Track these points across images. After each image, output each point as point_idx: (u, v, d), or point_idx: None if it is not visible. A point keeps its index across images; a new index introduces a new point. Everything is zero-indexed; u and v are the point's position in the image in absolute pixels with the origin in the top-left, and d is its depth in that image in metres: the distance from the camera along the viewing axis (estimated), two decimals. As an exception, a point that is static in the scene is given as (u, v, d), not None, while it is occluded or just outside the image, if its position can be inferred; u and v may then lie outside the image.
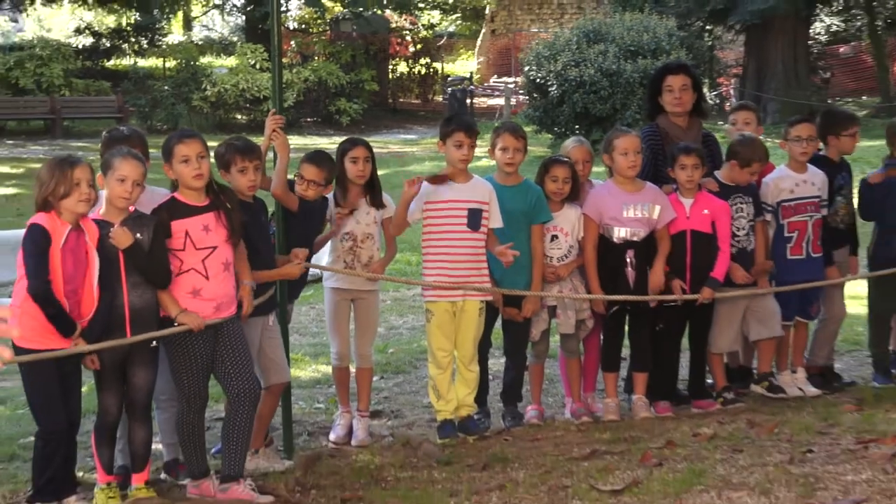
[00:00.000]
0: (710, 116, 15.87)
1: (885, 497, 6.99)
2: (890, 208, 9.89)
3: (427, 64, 47.65)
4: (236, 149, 8.12)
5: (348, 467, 8.46)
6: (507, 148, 9.12)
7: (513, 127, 9.67)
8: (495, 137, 9.27)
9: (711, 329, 9.58)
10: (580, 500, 7.32)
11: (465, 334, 9.03)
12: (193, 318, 7.34)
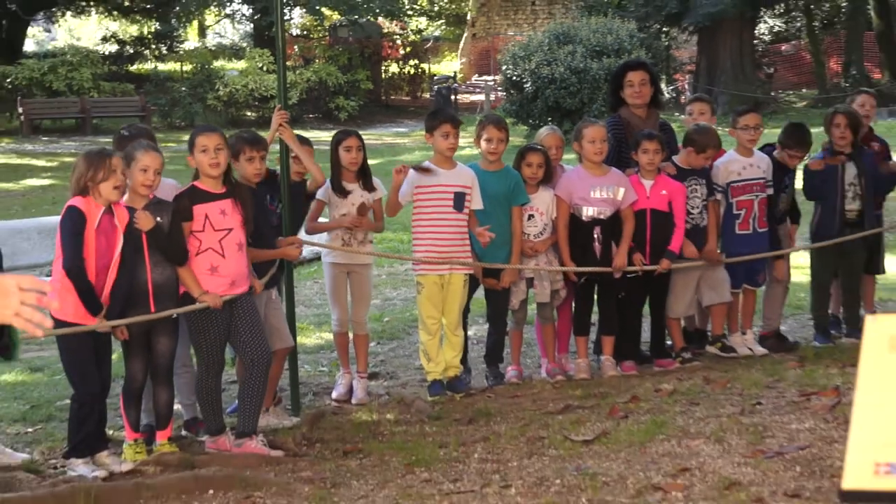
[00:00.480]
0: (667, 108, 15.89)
1: (826, 443, 7.00)
2: (828, 191, 9.91)
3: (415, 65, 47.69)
4: (245, 140, 8.29)
5: (349, 423, 8.48)
6: (492, 139, 9.18)
7: (496, 119, 9.75)
8: (480, 129, 9.32)
9: (669, 296, 9.60)
10: (556, 449, 7.32)
11: (452, 304, 9.06)
12: (213, 298, 7.40)
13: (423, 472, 7.04)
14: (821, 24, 42.83)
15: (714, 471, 6.66)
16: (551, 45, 30.78)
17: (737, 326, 9.98)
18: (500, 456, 7.29)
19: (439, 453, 7.43)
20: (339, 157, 9.06)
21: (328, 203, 9.04)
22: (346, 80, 39.45)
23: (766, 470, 6.63)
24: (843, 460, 2.76)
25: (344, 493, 6.75)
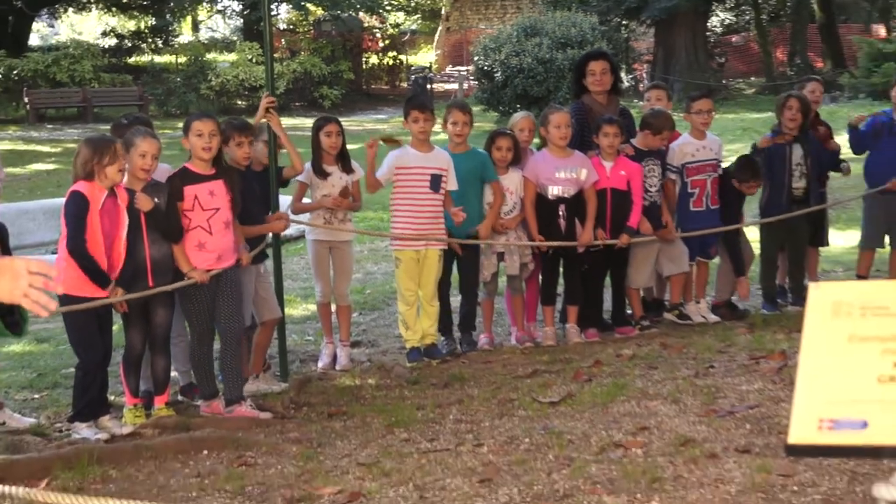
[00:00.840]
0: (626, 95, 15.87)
1: (774, 403, 7.03)
2: (777, 171, 9.91)
3: (394, 56, 47.61)
4: (234, 126, 8.35)
5: (333, 388, 8.48)
6: (457, 122, 9.22)
7: (461, 104, 9.84)
8: (447, 114, 9.36)
9: (629, 268, 9.61)
10: (525, 410, 7.34)
11: (428, 277, 9.05)
12: (200, 274, 7.45)
13: (403, 433, 7.05)
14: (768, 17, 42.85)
15: (671, 429, 6.68)
16: (519, 38, 30.78)
17: (691, 296, 9.99)
18: (474, 417, 7.31)
19: (417, 415, 7.44)
20: (319, 141, 9.04)
21: (310, 185, 9.01)
22: (330, 71, 39.38)
23: (718, 428, 6.65)
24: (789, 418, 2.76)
25: (329, 453, 6.75)
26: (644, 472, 5.94)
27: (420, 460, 6.45)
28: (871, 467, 5.62)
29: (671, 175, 9.74)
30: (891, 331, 2.88)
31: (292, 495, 6.00)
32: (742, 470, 5.90)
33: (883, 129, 10.20)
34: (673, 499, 5.55)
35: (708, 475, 5.87)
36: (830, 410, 2.82)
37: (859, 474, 5.67)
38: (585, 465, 6.15)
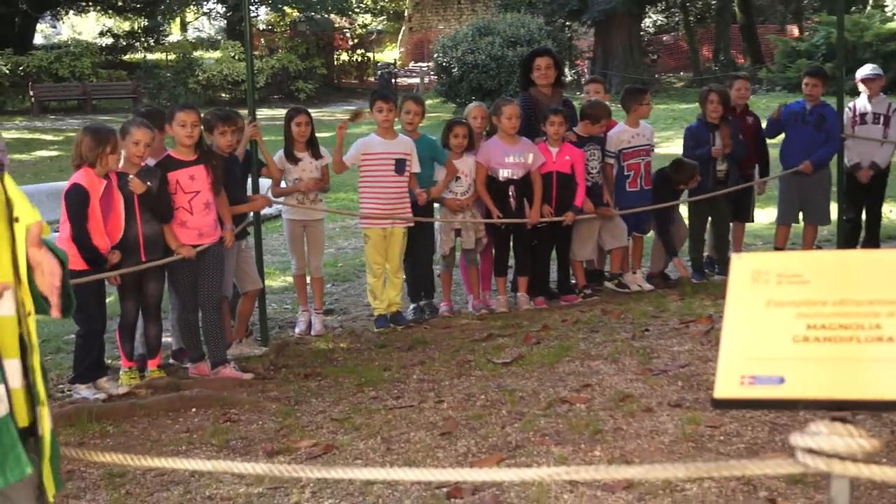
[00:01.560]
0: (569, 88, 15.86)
1: (702, 362, 7.08)
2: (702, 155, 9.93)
3: (362, 53, 47.55)
4: (218, 117, 8.31)
5: (309, 351, 8.46)
6: (410, 111, 9.29)
7: (414, 97, 10.01)
8: (402, 104, 9.39)
9: (573, 243, 9.61)
10: (480, 370, 7.36)
11: (393, 252, 9.04)
12: (187, 250, 7.48)
13: (371, 391, 7.05)
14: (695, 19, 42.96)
15: (611, 386, 6.70)
16: (474, 37, 30.74)
17: (628, 267, 10.01)
18: (435, 376, 7.31)
19: (384, 375, 7.44)
20: (291, 130, 9.00)
21: (283, 169, 8.97)
22: (305, 67, 39.23)
23: (653, 385, 6.68)
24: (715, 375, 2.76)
25: (305, 409, 6.75)
26: (587, 424, 5.96)
27: (387, 416, 6.45)
28: (789, 419, 5.66)
29: (609, 160, 9.75)
30: (804, 296, 2.89)
31: (272, 448, 6.00)
32: (674, 422, 5.93)
33: (796, 118, 10.27)
34: (613, 449, 5.57)
35: (644, 427, 5.89)
36: (751, 368, 2.82)
37: (778, 425, 5.72)
38: (535, 419, 6.16)
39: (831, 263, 2.95)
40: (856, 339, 2.77)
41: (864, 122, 10.33)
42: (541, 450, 5.62)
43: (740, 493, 4.89)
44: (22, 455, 2.57)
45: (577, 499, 4.92)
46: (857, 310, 2.82)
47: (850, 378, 2.71)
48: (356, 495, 5.17)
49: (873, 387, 2.68)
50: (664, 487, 4.95)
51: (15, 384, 2.62)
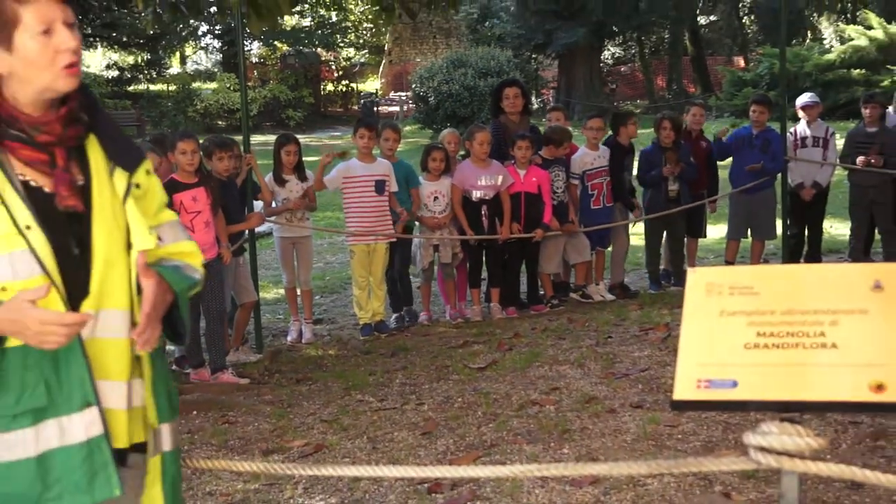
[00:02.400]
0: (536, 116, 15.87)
1: (660, 366, 7.10)
2: (656, 177, 9.98)
3: (346, 84, 47.59)
4: (215, 144, 8.32)
5: (300, 358, 8.43)
6: (388, 138, 9.34)
7: (392, 124, 10.03)
8: (381, 131, 9.41)
9: (541, 257, 9.60)
10: (457, 375, 7.36)
11: (377, 266, 9.05)
12: None
13: (357, 394, 7.04)
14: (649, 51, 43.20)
15: (577, 389, 6.71)
16: (449, 69, 30.79)
17: (592, 279, 10.02)
18: (416, 381, 7.30)
19: (369, 379, 7.43)
20: (280, 157, 8.98)
21: (272, 190, 8.94)
22: (294, 97, 39.21)
23: (616, 387, 6.69)
24: (673, 378, 2.76)
25: (297, 412, 6.73)
26: (556, 424, 5.96)
27: (372, 417, 6.45)
28: (741, 419, 5.67)
29: (574, 181, 9.75)
30: (754, 306, 2.90)
31: (267, 447, 5.98)
32: (636, 422, 5.94)
33: (743, 142, 10.32)
34: (580, 447, 5.58)
35: (608, 427, 5.90)
36: (706, 372, 2.83)
37: (731, 425, 5.74)
38: (508, 419, 6.17)
39: (779, 276, 2.96)
40: (802, 346, 2.78)
41: (804, 145, 10.38)
42: (514, 448, 5.63)
43: (697, 487, 4.90)
44: (113, 476, 2.51)
45: (548, 493, 4.91)
46: (802, 319, 2.83)
47: (798, 381, 2.72)
48: (345, 491, 5.16)
49: (818, 389, 2.69)
50: (627, 483, 4.96)
51: (117, 405, 2.56)
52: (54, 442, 2.48)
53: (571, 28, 34.45)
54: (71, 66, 2.48)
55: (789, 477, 2.70)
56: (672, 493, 4.84)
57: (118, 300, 2.56)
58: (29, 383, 2.45)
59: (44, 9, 2.44)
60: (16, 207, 2.44)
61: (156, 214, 2.76)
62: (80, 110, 2.58)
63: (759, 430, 2.70)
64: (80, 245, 2.53)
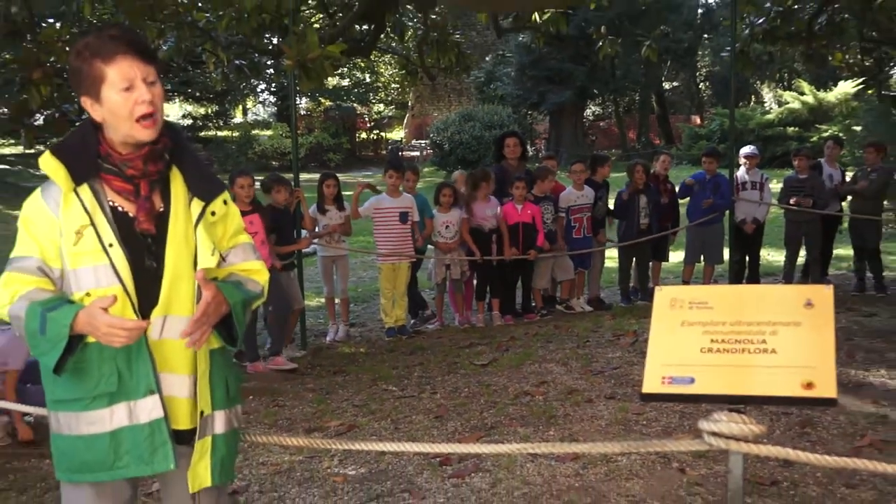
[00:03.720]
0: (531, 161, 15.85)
1: (629, 365, 7.09)
2: (630, 212, 10.00)
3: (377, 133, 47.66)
4: (273, 180, 8.43)
5: (337, 354, 8.42)
6: (410, 179, 9.33)
7: (412, 167, 10.01)
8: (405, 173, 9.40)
9: (534, 275, 9.59)
10: (464, 370, 7.34)
11: (400, 281, 9.03)
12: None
13: (383, 384, 7.03)
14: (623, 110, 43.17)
15: (561, 382, 6.70)
16: (460, 122, 30.86)
17: (574, 294, 10.00)
18: (430, 374, 7.29)
19: (392, 373, 7.41)
20: (322, 190, 9.01)
21: (315, 218, 8.97)
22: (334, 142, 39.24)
23: (593, 382, 6.67)
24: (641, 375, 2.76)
25: (334, 398, 6.72)
26: (544, 411, 5.95)
27: (395, 403, 6.44)
28: (695, 409, 5.66)
29: (560, 214, 9.75)
30: (708, 318, 2.91)
31: (309, 426, 5.97)
32: (609, 410, 5.92)
33: (698, 185, 10.34)
34: (563, 429, 5.57)
35: (586, 413, 5.89)
36: (669, 371, 2.83)
37: (686, 413, 5.72)
38: (505, 406, 6.15)
39: (729, 294, 2.97)
40: (747, 351, 2.79)
41: (745, 188, 10.37)
42: (509, 430, 5.62)
43: (658, 464, 4.88)
44: (170, 452, 2.54)
45: (537, 467, 4.90)
46: (747, 328, 2.83)
47: (743, 379, 2.72)
48: (372, 463, 5.15)
49: (760, 386, 2.70)
50: (601, 459, 4.95)
51: (180, 394, 2.58)
52: (124, 421, 2.53)
53: (560, 91, 34.48)
54: (146, 116, 2.49)
55: (735, 456, 2.70)
56: (638, 468, 4.83)
57: (183, 308, 2.57)
58: (104, 372, 2.51)
59: (125, 68, 2.46)
60: (103, 228, 2.50)
61: (233, 237, 2.76)
62: (164, 150, 2.60)
63: (711, 418, 2.70)
64: (155, 260, 2.55)
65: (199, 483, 2.62)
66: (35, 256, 2.51)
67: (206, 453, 2.62)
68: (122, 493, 2.62)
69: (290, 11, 8.41)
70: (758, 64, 12.30)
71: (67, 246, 2.49)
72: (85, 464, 2.54)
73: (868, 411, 5.68)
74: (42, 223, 2.52)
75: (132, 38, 2.49)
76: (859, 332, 7.97)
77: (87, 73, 2.48)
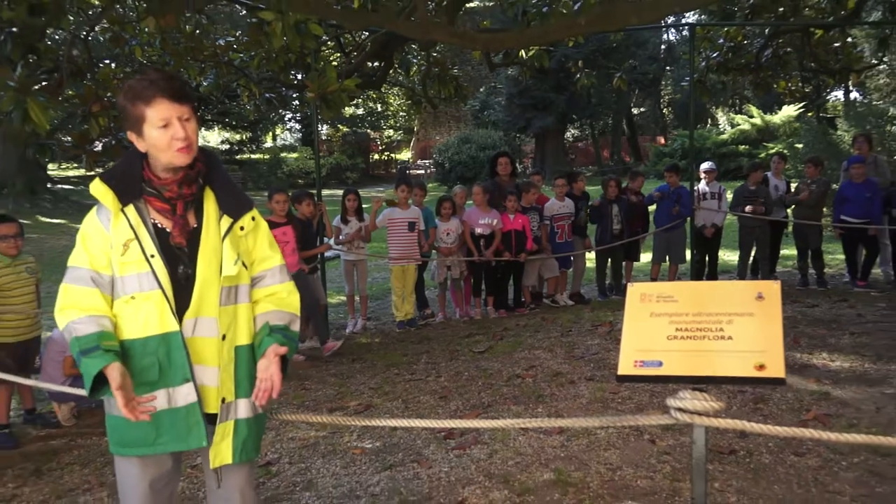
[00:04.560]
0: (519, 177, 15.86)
1: (606, 351, 7.07)
2: (605, 219, 9.98)
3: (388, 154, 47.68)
4: (301, 195, 8.43)
5: (356, 344, 8.40)
6: (417, 194, 9.31)
7: (420, 183, 9.86)
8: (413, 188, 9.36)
9: (524, 274, 9.57)
10: (465, 357, 7.32)
11: (409, 280, 9.02)
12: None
13: (395, 370, 7.02)
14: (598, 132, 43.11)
15: (548, 367, 6.68)
16: (459, 144, 30.86)
17: (558, 290, 9.98)
18: (435, 360, 7.27)
19: (403, 359, 7.40)
20: (345, 203, 9.02)
21: (339, 228, 8.98)
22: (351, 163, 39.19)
23: (575, 366, 6.65)
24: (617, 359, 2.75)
25: (352, 381, 6.71)
26: (533, 391, 5.94)
27: (405, 385, 6.42)
28: (663, 388, 5.65)
29: (545, 222, 9.72)
30: (674, 310, 2.90)
31: (331, 406, 5.96)
32: (589, 390, 5.91)
33: (663, 196, 10.33)
34: (550, 407, 5.55)
35: (570, 393, 5.87)
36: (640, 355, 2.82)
37: (655, 392, 5.71)
38: (499, 387, 6.14)
39: (691, 289, 2.96)
40: (707, 338, 2.77)
41: (705, 198, 10.36)
42: (504, 408, 5.60)
43: (632, 436, 4.87)
44: (202, 431, 2.59)
45: (527, 440, 4.89)
46: (707, 318, 2.82)
47: (704, 362, 2.71)
48: (385, 437, 5.14)
49: (718, 368, 2.69)
50: (583, 432, 4.93)
51: (210, 383, 2.61)
52: (164, 405, 2.57)
53: (544, 116, 34.46)
54: (181, 149, 2.53)
55: (698, 429, 2.68)
56: (614, 440, 4.82)
57: (211, 310, 2.59)
58: (146, 365, 2.54)
59: (162, 109, 2.50)
60: (146, 242, 2.56)
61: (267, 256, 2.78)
62: (198, 174, 2.64)
63: (677, 396, 2.69)
64: (191, 268, 2.59)
65: (220, 460, 2.64)
66: (86, 267, 2.58)
67: (229, 435, 2.64)
68: (164, 464, 2.66)
69: (312, 51, 8.41)
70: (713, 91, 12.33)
71: (116, 256, 2.55)
72: (132, 440, 2.59)
73: (812, 389, 5.66)
74: (96, 238, 2.58)
75: (168, 83, 2.52)
76: (803, 321, 7.95)
77: (130, 113, 2.54)
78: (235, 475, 2.71)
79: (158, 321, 2.53)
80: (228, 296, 2.61)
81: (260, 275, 2.75)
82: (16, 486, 4.78)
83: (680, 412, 2.67)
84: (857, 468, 4.26)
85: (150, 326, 2.53)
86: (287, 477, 4.59)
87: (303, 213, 8.18)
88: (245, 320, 2.66)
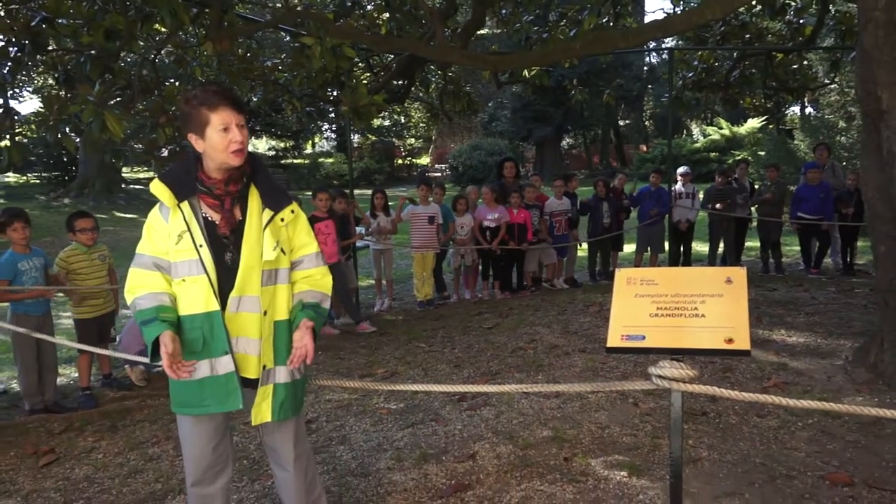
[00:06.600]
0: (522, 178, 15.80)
1: (596, 328, 7.02)
2: (596, 214, 9.94)
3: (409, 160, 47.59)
4: (337, 193, 8.30)
5: (383, 320, 8.40)
6: (437, 192, 9.26)
7: (440, 184, 9.76)
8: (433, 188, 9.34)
9: (525, 261, 9.53)
10: (475, 331, 7.31)
11: (428, 266, 9.01)
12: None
13: (416, 342, 7.02)
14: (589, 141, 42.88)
15: (547, 341, 6.66)
16: (470, 151, 30.85)
17: (555, 275, 9.94)
18: (450, 334, 7.27)
19: (422, 333, 7.39)
20: (374, 201, 8.99)
21: (368, 222, 8.96)
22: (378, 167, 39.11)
23: (570, 339, 6.63)
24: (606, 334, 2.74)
25: (379, 352, 6.71)
26: (534, 361, 5.93)
27: (424, 356, 6.42)
28: (646, 359, 5.62)
29: (545, 217, 9.68)
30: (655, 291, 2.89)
31: (362, 373, 5.96)
32: (583, 361, 5.89)
33: (646, 195, 10.27)
34: (549, 375, 5.54)
35: (565, 363, 5.85)
36: (626, 330, 2.81)
37: (639, 363, 5.68)
38: (505, 358, 6.13)
39: (670, 274, 2.94)
40: (683, 315, 2.76)
41: (681, 197, 10.30)
42: (509, 375, 5.59)
43: (618, 400, 4.85)
44: (238, 396, 2.61)
45: (529, 402, 4.89)
46: (684, 299, 2.80)
47: (680, 337, 2.69)
48: (408, 400, 5.14)
49: (693, 342, 2.67)
50: (576, 397, 4.92)
51: (252, 353, 2.63)
52: (207, 373, 2.61)
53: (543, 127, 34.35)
54: (236, 151, 2.54)
55: (676, 394, 2.67)
56: (603, 403, 4.80)
57: (254, 290, 2.61)
58: (192, 338, 2.58)
59: (224, 114, 2.51)
60: (196, 233, 2.58)
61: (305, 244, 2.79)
62: (243, 174, 2.65)
63: (657, 365, 2.67)
64: (237, 254, 2.60)
65: (260, 418, 2.68)
66: (149, 254, 2.63)
67: (268, 397, 2.67)
68: (213, 421, 2.70)
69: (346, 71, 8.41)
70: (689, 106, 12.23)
71: (171, 246, 2.59)
72: (185, 401, 2.64)
73: (772, 360, 5.62)
74: (158, 229, 2.62)
75: (230, 93, 2.56)
76: (765, 303, 7.90)
77: (194, 117, 2.54)
78: (281, 431, 2.77)
79: (203, 301, 2.56)
80: (269, 278, 2.64)
81: (299, 259, 2.77)
82: (95, 440, 4.83)
83: (660, 379, 2.66)
84: (811, 428, 4.24)
85: (197, 305, 2.57)
86: (325, 433, 4.61)
87: (338, 208, 8.18)
88: (283, 299, 2.68)
